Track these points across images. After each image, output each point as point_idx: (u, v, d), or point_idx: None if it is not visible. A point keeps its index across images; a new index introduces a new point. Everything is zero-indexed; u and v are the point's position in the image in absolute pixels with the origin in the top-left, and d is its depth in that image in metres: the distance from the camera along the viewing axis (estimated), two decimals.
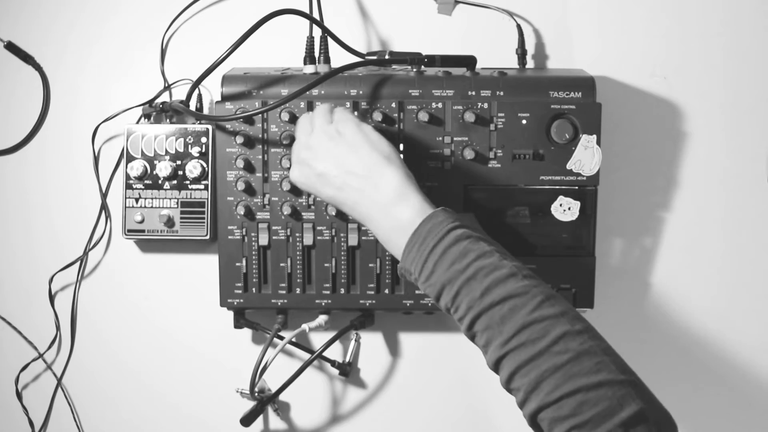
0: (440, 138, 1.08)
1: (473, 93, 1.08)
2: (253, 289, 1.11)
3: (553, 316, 0.82)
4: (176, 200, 1.16)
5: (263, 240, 1.10)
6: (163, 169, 1.15)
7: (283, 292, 1.11)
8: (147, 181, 1.15)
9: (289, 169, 1.08)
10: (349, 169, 0.94)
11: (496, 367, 0.83)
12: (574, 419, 0.77)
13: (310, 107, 1.08)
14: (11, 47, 1.19)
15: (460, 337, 1.20)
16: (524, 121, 1.07)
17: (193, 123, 1.16)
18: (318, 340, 1.20)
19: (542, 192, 1.09)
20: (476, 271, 0.85)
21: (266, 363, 1.14)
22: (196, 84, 1.11)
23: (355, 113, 1.06)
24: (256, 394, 1.16)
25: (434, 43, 1.17)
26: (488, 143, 1.08)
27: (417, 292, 1.11)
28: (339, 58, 1.12)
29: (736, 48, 1.17)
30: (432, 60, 1.09)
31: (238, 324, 1.16)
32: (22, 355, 1.24)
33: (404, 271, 0.91)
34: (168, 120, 1.17)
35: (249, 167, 1.09)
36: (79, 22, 1.20)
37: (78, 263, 1.22)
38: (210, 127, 1.14)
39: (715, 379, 1.21)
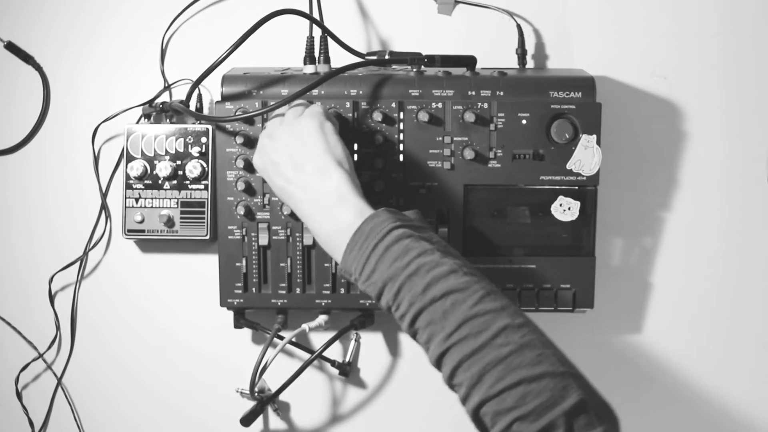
0: (440, 138, 1.08)
1: (473, 93, 1.08)
2: (253, 289, 1.11)
3: (494, 310, 0.82)
4: (176, 200, 1.16)
5: (263, 240, 1.10)
6: (163, 169, 1.15)
7: (283, 292, 1.11)
8: (147, 181, 1.15)
9: None
10: (300, 164, 0.95)
11: (438, 363, 0.84)
12: (517, 411, 0.78)
13: None
14: (11, 47, 1.19)
15: None
16: (524, 121, 1.07)
17: (193, 123, 1.16)
18: (318, 340, 1.20)
19: (542, 192, 1.09)
20: (418, 268, 0.85)
21: (266, 363, 1.14)
22: (196, 84, 1.11)
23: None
24: (256, 394, 1.16)
25: (434, 43, 1.17)
26: (488, 143, 1.08)
27: None
28: (339, 58, 1.12)
29: (736, 48, 1.17)
30: (432, 60, 1.09)
31: (238, 324, 1.16)
32: (22, 355, 1.24)
33: (344, 271, 0.92)
34: (168, 120, 1.17)
35: (249, 167, 1.09)
36: (79, 22, 1.20)
37: (78, 263, 1.22)
38: (210, 127, 1.14)
39: (715, 378, 1.21)
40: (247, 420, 1.18)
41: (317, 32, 1.12)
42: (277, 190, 0.98)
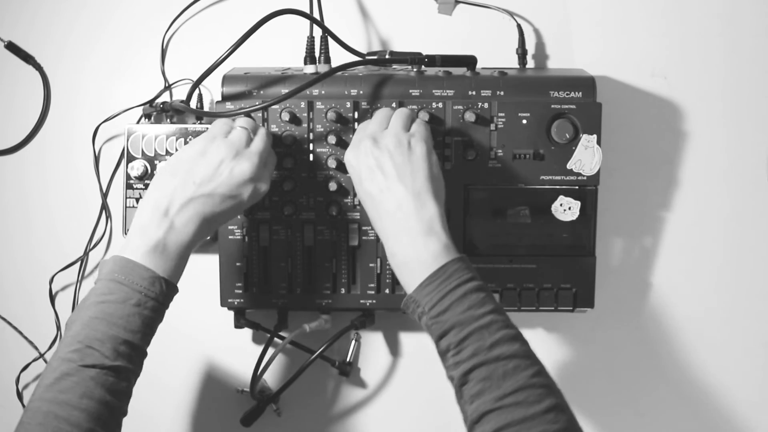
0: (440, 138, 1.08)
1: (473, 93, 1.08)
2: (254, 289, 1.11)
3: (549, 386, 0.86)
4: None
5: (263, 240, 1.10)
6: None
7: (284, 292, 1.11)
8: (147, 181, 1.15)
9: (290, 169, 1.09)
10: (400, 181, 0.95)
11: (479, 417, 0.85)
12: None
13: (311, 108, 1.08)
14: (11, 47, 1.19)
15: None
16: (524, 121, 1.07)
17: (194, 123, 1.16)
18: (318, 340, 1.20)
19: (542, 192, 1.09)
20: (490, 323, 0.87)
21: (266, 363, 1.14)
22: (197, 84, 1.11)
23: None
24: (257, 394, 1.16)
25: (434, 43, 1.17)
26: (488, 143, 1.08)
27: None
28: (339, 58, 1.12)
29: (736, 48, 1.17)
30: (432, 60, 1.09)
31: (238, 324, 1.16)
32: (23, 355, 1.24)
33: (412, 300, 0.92)
34: (168, 120, 1.17)
35: None
36: (79, 22, 1.20)
37: (79, 263, 1.22)
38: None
39: (715, 378, 1.21)
40: (247, 420, 1.18)
41: (317, 32, 1.12)
42: (363, 194, 0.98)
